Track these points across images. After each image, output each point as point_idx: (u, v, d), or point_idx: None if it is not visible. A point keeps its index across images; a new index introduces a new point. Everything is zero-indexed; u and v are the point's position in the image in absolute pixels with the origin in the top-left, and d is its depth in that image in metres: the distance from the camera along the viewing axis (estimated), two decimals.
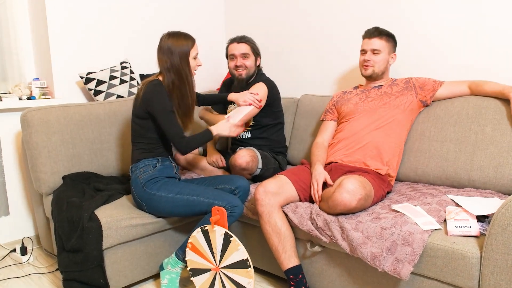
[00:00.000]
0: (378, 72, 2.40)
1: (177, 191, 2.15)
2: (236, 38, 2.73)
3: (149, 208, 2.21)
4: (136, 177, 2.21)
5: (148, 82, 2.19)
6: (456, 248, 1.60)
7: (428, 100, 2.34)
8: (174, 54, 2.17)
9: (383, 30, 2.40)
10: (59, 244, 2.16)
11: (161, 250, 2.35)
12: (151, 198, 2.17)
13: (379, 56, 2.38)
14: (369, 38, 2.39)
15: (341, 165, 2.25)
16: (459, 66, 2.49)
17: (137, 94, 2.22)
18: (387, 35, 2.40)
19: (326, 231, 1.93)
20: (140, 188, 2.19)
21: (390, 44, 2.40)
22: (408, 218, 1.77)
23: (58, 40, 2.88)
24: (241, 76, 2.72)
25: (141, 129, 2.22)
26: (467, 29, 2.44)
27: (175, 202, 2.14)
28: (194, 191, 2.14)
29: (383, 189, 2.10)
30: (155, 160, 2.24)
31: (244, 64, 2.70)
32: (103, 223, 2.09)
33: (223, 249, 1.92)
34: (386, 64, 2.41)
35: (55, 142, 2.43)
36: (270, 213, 2.06)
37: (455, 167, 2.19)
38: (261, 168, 2.53)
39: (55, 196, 2.31)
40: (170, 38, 2.19)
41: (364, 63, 2.42)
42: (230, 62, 2.75)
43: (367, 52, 2.40)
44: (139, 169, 2.21)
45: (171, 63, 2.18)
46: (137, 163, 2.24)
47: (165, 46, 2.18)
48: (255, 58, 2.73)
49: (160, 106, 2.13)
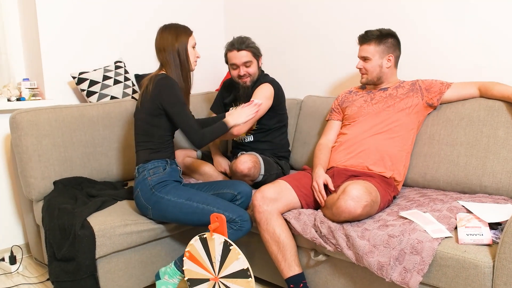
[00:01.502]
0: (372, 79, 2.40)
1: (187, 197, 2.15)
2: (235, 44, 2.67)
3: (155, 212, 2.20)
4: (144, 178, 2.20)
5: (154, 77, 2.21)
6: (468, 257, 1.60)
7: (435, 103, 2.34)
8: (172, 45, 2.20)
9: (374, 32, 2.34)
10: (50, 252, 2.16)
11: (157, 259, 2.35)
12: (159, 201, 2.16)
13: (369, 63, 2.37)
14: (360, 44, 2.40)
15: (344, 169, 2.26)
16: (468, 67, 2.50)
17: (144, 91, 2.23)
18: (377, 38, 2.33)
19: (330, 239, 1.93)
20: (148, 191, 2.18)
21: (383, 46, 2.33)
22: (417, 225, 1.77)
23: (49, 38, 2.89)
24: (246, 84, 2.72)
25: (152, 127, 2.22)
26: (474, 29, 2.45)
27: (184, 208, 2.14)
28: (205, 199, 2.14)
29: (389, 194, 2.11)
30: (165, 162, 2.24)
31: (248, 72, 2.70)
32: (96, 231, 2.09)
33: (222, 258, 1.92)
34: (380, 69, 2.37)
35: (46, 145, 2.43)
36: (268, 220, 2.07)
37: (466, 172, 2.20)
38: (263, 175, 2.54)
39: (45, 203, 2.32)
40: (167, 30, 2.23)
41: (359, 71, 2.44)
42: (233, 71, 2.73)
43: (360, 60, 2.41)
44: (148, 171, 2.20)
45: (170, 55, 2.21)
46: (146, 163, 2.22)
47: (162, 39, 2.22)
48: (257, 61, 2.73)
49: (173, 99, 2.16)
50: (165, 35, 2.23)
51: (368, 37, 2.35)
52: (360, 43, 2.40)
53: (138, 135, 2.27)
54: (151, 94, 2.18)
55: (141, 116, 2.24)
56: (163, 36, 2.23)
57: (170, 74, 2.22)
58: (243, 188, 2.30)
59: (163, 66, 2.25)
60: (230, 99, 2.86)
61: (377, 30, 2.37)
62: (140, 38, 3.32)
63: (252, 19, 3.60)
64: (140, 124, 2.25)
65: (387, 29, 2.38)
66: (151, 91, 2.18)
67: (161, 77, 2.18)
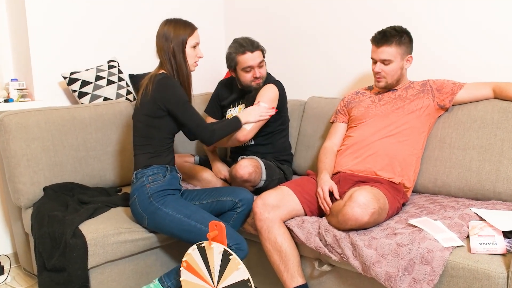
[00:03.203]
0: (392, 82, 2.37)
1: (187, 213, 2.14)
2: (247, 46, 2.63)
3: (151, 222, 2.20)
4: (142, 185, 2.20)
5: (154, 77, 2.22)
6: (480, 267, 1.61)
7: (446, 104, 2.34)
8: (169, 42, 2.20)
9: (392, 32, 2.29)
10: (40, 262, 2.16)
11: (152, 269, 2.36)
12: (156, 212, 2.16)
13: (390, 66, 2.32)
14: (377, 46, 2.32)
15: (350, 174, 2.26)
16: (482, 67, 2.50)
17: (143, 91, 2.23)
18: (398, 38, 2.29)
19: (336, 248, 1.93)
20: (146, 199, 2.18)
21: (403, 47, 2.31)
22: (427, 234, 1.78)
23: (38, 36, 2.89)
24: (259, 86, 2.71)
25: (152, 129, 2.22)
26: (488, 25, 2.45)
27: (181, 224, 2.13)
28: (204, 219, 2.12)
29: (398, 201, 2.11)
30: (165, 169, 2.25)
31: (262, 73, 2.69)
32: (88, 240, 2.10)
33: (221, 268, 1.93)
34: (401, 71, 2.35)
35: (35, 149, 2.44)
36: (269, 228, 2.07)
37: (479, 177, 2.20)
38: (265, 180, 2.53)
39: (35, 210, 2.32)
40: (166, 26, 2.23)
41: (376, 75, 2.37)
42: (246, 74, 2.67)
43: (377, 63, 2.34)
44: (147, 177, 2.21)
45: (166, 55, 2.21)
46: (145, 169, 2.22)
47: (160, 36, 2.23)
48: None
49: (177, 98, 2.17)
50: (163, 32, 2.22)
51: (387, 37, 2.28)
52: (378, 45, 2.30)
53: (137, 138, 2.27)
54: (152, 95, 2.18)
55: (141, 117, 2.24)
56: (161, 32, 2.23)
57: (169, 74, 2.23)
58: (244, 195, 2.30)
59: (162, 65, 2.26)
60: (229, 100, 2.86)
61: (392, 29, 2.31)
62: (135, 36, 3.31)
63: (253, 16, 3.61)
64: (140, 126, 2.25)
65: (400, 26, 2.34)
66: (152, 91, 2.18)
67: (161, 76, 2.19)
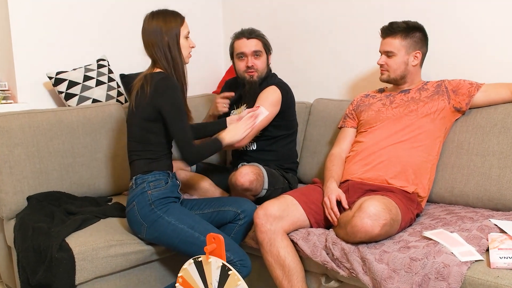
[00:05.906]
0: (395, 77, 2.42)
1: (190, 224, 2.16)
2: (245, 32, 2.70)
3: (150, 231, 2.20)
4: (143, 191, 2.20)
5: (152, 77, 2.22)
6: (501, 283, 1.61)
7: (463, 107, 2.35)
8: (162, 36, 2.22)
9: (400, 24, 2.37)
10: (23, 278, 2.17)
11: (145, 285, 2.36)
12: (158, 221, 2.17)
13: (393, 59, 2.38)
14: (383, 37, 2.42)
15: (360, 183, 2.27)
16: (504, 66, 2.50)
17: (139, 92, 2.24)
18: (404, 31, 2.36)
19: (344, 263, 1.94)
20: (146, 206, 2.19)
21: (410, 41, 2.37)
22: (443, 247, 1.79)
23: (21, 32, 2.89)
24: (252, 78, 2.72)
25: (148, 134, 2.24)
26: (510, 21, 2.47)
27: (184, 235, 2.15)
28: (208, 232, 2.09)
29: (411, 211, 2.12)
30: (166, 175, 2.27)
31: (255, 65, 2.70)
32: (75, 253, 2.10)
33: (220, 284, 1.93)
34: (405, 66, 2.39)
35: (19, 155, 2.45)
36: (271, 240, 2.08)
37: (500, 186, 2.21)
38: (267, 189, 2.53)
39: (18, 221, 2.33)
40: (154, 20, 2.25)
41: (380, 67, 2.45)
42: (239, 63, 2.73)
43: (382, 55, 2.43)
44: (149, 183, 2.21)
45: (161, 50, 2.22)
46: (146, 174, 2.23)
47: (149, 31, 2.24)
48: (267, 56, 2.76)
49: (173, 104, 2.18)
50: (152, 26, 2.23)
51: (394, 29, 2.37)
52: (384, 36, 2.42)
53: (133, 143, 2.29)
54: (150, 96, 2.19)
55: (136, 121, 2.25)
56: (150, 27, 2.24)
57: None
58: (247, 206, 2.31)
59: (156, 63, 2.27)
60: (234, 99, 2.87)
61: (403, 22, 2.38)
62: (127, 33, 3.31)
63: (253, 12, 3.61)
64: (135, 130, 2.27)
65: (414, 22, 2.40)
66: (150, 92, 2.18)
67: (161, 77, 2.20)
